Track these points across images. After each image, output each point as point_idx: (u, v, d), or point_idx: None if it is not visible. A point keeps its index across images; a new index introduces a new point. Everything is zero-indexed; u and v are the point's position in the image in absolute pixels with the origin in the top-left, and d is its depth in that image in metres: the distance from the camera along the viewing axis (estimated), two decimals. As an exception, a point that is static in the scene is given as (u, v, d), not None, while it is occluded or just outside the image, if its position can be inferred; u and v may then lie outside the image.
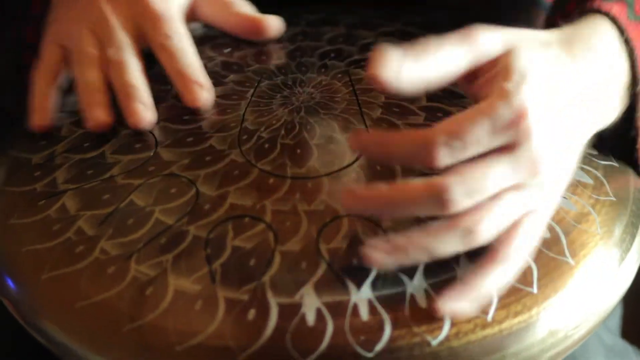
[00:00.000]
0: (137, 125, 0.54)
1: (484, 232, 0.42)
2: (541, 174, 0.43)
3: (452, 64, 0.44)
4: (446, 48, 0.43)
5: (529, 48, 0.45)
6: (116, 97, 0.56)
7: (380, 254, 0.42)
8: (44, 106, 0.57)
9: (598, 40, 0.48)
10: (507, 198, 0.42)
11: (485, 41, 0.44)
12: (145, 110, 0.54)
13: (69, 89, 0.59)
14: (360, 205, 0.43)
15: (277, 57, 0.62)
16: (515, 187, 0.42)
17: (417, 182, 0.41)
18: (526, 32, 0.46)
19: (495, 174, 0.41)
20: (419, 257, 0.42)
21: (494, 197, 0.42)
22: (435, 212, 0.41)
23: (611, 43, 0.49)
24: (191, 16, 0.63)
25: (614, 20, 0.49)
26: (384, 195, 0.42)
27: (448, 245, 0.42)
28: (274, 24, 0.63)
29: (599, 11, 0.50)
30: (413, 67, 0.42)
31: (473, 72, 0.45)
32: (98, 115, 0.55)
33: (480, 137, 0.41)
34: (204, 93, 0.55)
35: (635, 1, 0.51)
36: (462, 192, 0.40)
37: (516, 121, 0.41)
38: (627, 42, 0.49)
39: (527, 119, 0.41)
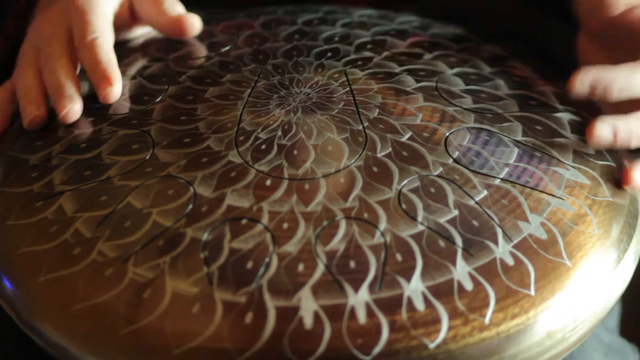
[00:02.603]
0: (65, 119, 0.55)
1: None
2: None
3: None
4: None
5: None
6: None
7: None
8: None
9: None
10: None
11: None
12: (70, 102, 0.56)
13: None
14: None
15: (274, 57, 0.61)
16: None
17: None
18: None
19: None
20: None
21: None
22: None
23: None
24: (130, 18, 0.65)
25: None
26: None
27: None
28: (193, 23, 0.63)
29: None
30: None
31: None
32: (30, 111, 0.56)
33: None
34: (113, 87, 0.56)
35: None
36: None
37: None
38: None
39: None
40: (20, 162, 0.54)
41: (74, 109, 0.55)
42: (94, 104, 0.57)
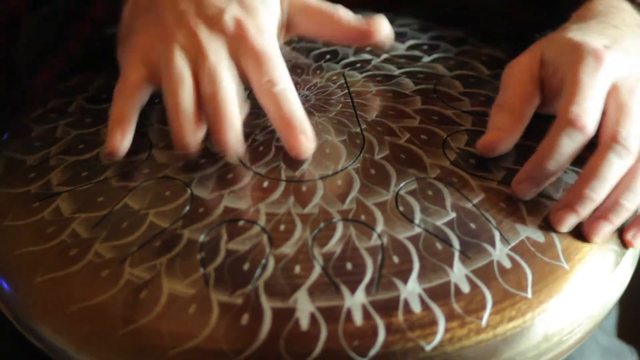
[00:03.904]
0: (228, 154, 0.50)
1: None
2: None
3: (528, 101, 0.52)
4: (515, 92, 0.52)
5: (552, 36, 0.52)
6: (208, 125, 0.51)
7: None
8: (123, 128, 0.52)
9: (607, 6, 0.55)
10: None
11: (523, 62, 0.53)
12: (236, 142, 0.50)
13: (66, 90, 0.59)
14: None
15: None
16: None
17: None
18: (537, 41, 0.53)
19: (632, 103, 0.48)
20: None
21: None
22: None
23: (621, 5, 0.55)
24: (286, 31, 0.58)
25: None
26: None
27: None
28: (383, 27, 0.56)
29: None
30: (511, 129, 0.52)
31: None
32: (186, 138, 0.50)
33: (594, 83, 0.48)
34: (309, 144, 0.51)
35: None
36: (631, 134, 0.47)
37: (601, 61, 0.48)
38: (632, 2, 0.55)
39: (606, 55, 0.48)
40: (18, 163, 0.54)
41: (237, 148, 0.50)
42: (91, 105, 0.57)
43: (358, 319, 0.42)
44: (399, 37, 0.64)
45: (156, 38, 0.53)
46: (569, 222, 0.47)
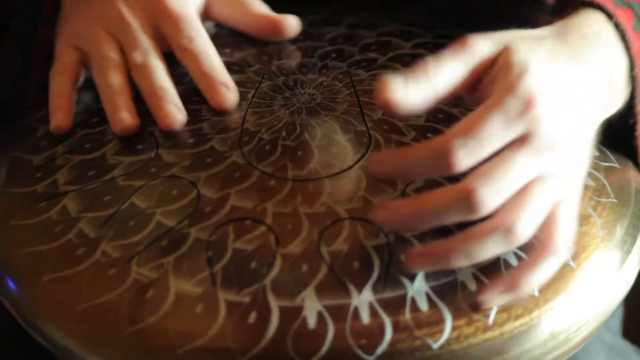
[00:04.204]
0: (170, 126, 0.53)
1: (523, 228, 0.41)
2: (560, 159, 0.43)
3: (453, 76, 0.44)
4: (443, 63, 0.44)
5: (524, 43, 0.45)
6: (145, 100, 0.55)
7: (421, 260, 0.42)
8: (63, 107, 0.57)
9: (589, 28, 0.49)
10: (536, 190, 0.42)
11: (478, 46, 0.45)
12: (177, 111, 0.54)
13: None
14: (392, 220, 0.43)
15: (278, 58, 0.61)
16: (540, 178, 0.42)
17: (442, 190, 0.41)
18: (518, 31, 0.47)
19: (517, 167, 0.41)
20: (460, 262, 0.42)
21: (523, 192, 0.42)
22: (467, 217, 0.41)
23: (603, 30, 0.49)
24: (205, 16, 0.63)
25: (602, 8, 0.50)
26: (412, 207, 0.42)
27: (490, 248, 0.41)
28: (292, 24, 0.63)
29: (586, 3, 0.50)
30: (418, 89, 0.43)
31: (475, 80, 0.45)
32: (124, 118, 0.54)
33: (494, 131, 0.41)
34: (230, 94, 0.55)
35: None
36: (488, 191, 0.40)
37: (526, 109, 0.41)
38: (617, 26, 0.49)
39: (535, 106, 0.42)
40: (24, 163, 0.54)
41: (180, 118, 0.54)
42: (98, 104, 0.57)
43: (365, 317, 0.42)
44: (404, 35, 0.64)
45: (82, 21, 0.58)
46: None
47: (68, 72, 0.58)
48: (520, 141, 0.42)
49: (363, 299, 0.42)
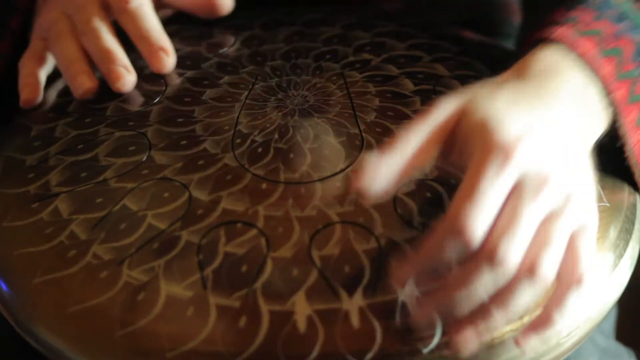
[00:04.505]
0: (122, 88, 0.56)
1: (548, 270, 0.41)
2: (562, 189, 0.42)
3: (420, 142, 0.43)
4: (408, 132, 0.43)
5: (482, 98, 0.44)
6: (96, 65, 0.58)
7: (471, 339, 0.42)
8: (30, 82, 0.59)
9: (547, 62, 0.48)
10: (549, 229, 0.41)
11: (439, 107, 0.44)
12: (126, 72, 0.56)
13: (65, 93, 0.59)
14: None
15: (272, 58, 0.61)
16: (552, 215, 0.42)
17: (470, 264, 0.41)
18: (477, 85, 0.46)
19: (525, 215, 0.41)
20: (500, 318, 0.41)
21: (538, 235, 0.41)
22: (497, 277, 0.41)
23: (563, 61, 0.48)
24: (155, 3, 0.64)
25: (561, 42, 0.49)
26: (448, 289, 0.41)
27: (521, 296, 0.41)
28: (225, 1, 0.64)
29: (545, 39, 0.49)
30: (390, 166, 0.42)
31: (446, 141, 0.44)
32: (83, 81, 0.57)
33: (492, 191, 0.40)
34: (169, 59, 0.57)
35: (579, 19, 0.51)
36: (508, 248, 0.40)
37: (507, 158, 0.41)
38: (580, 56, 0.49)
39: (515, 151, 0.41)
40: (17, 163, 0.54)
41: (130, 79, 0.56)
42: (91, 105, 0.57)
43: (355, 322, 0.42)
44: (399, 36, 0.64)
45: (46, 12, 0.60)
46: (425, 324, 0.43)
47: (34, 57, 0.60)
48: (517, 189, 0.41)
49: (353, 304, 0.42)
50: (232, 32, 0.65)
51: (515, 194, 0.41)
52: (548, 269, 0.41)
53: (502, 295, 0.41)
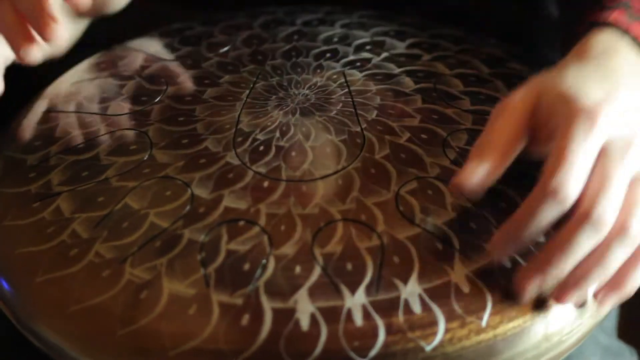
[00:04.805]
0: (25, 59, 0.53)
1: (637, 227, 0.43)
2: None
3: (511, 137, 0.46)
4: (502, 131, 0.46)
5: (552, 76, 0.48)
6: (30, 23, 0.53)
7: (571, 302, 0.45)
8: None
9: (605, 45, 0.50)
10: (637, 191, 0.44)
11: (517, 102, 0.47)
12: (55, 23, 0.52)
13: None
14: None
15: (273, 57, 0.61)
16: (637, 178, 0.44)
17: (570, 224, 0.43)
18: (541, 75, 0.49)
19: (617, 173, 0.43)
20: (598, 280, 0.44)
21: (628, 196, 0.43)
22: (596, 238, 0.43)
23: (619, 43, 0.51)
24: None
25: (615, 26, 0.51)
26: (551, 252, 0.43)
27: (616, 256, 0.43)
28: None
29: (599, 23, 0.51)
30: (490, 166, 0.45)
31: (528, 130, 0.47)
32: (19, 43, 0.53)
33: (582, 152, 0.43)
34: (57, 28, 0.52)
35: (630, 4, 0.52)
36: (605, 206, 0.42)
37: (595, 120, 0.43)
38: (634, 39, 0.51)
39: (601, 113, 0.44)
40: (18, 163, 0.54)
41: (58, 28, 0.51)
42: (92, 104, 0.57)
43: (358, 319, 0.42)
44: (399, 35, 0.64)
45: None
46: (531, 291, 0.44)
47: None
48: (605, 152, 0.43)
49: (356, 301, 0.42)
50: (233, 31, 0.65)
51: (604, 157, 0.43)
52: (637, 227, 0.43)
53: (597, 255, 0.43)
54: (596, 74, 0.48)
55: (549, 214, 0.43)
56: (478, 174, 0.45)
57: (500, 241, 0.44)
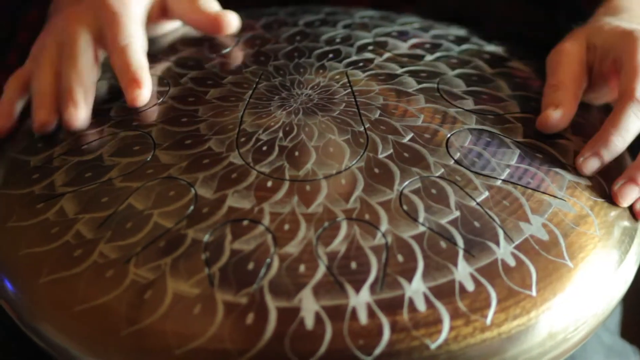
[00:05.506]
0: (71, 127, 0.55)
1: None
2: None
3: (580, 86, 0.56)
4: (568, 77, 0.55)
5: (593, 25, 0.57)
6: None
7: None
8: (5, 111, 0.59)
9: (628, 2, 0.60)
10: None
11: (572, 50, 0.56)
12: (75, 110, 0.55)
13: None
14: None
15: (275, 58, 0.61)
16: None
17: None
18: (581, 26, 0.58)
19: None
20: None
21: None
22: None
23: None
24: (161, 13, 0.64)
25: None
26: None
27: None
28: (230, 21, 0.63)
29: None
30: (565, 113, 0.54)
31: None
32: (39, 116, 0.56)
33: None
34: (141, 91, 0.56)
35: None
36: None
37: None
38: None
39: None
40: (21, 164, 0.54)
41: (77, 115, 0.55)
42: (95, 105, 0.57)
43: (363, 317, 0.42)
44: (401, 35, 0.64)
45: (42, 35, 0.61)
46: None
47: (19, 82, 0.60)
48: None
49: (361, 300, 0.42)
50: (235, 32, 0.65)
51: None
52: None
53: None
54: (631, 19, 0.55)
55: (636, 121, 0.50)
56: (555, 116, 0.53)
57: (588, 153, 0.51)
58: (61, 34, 0.59)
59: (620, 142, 0.51)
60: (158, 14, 0.64)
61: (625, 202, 0.50)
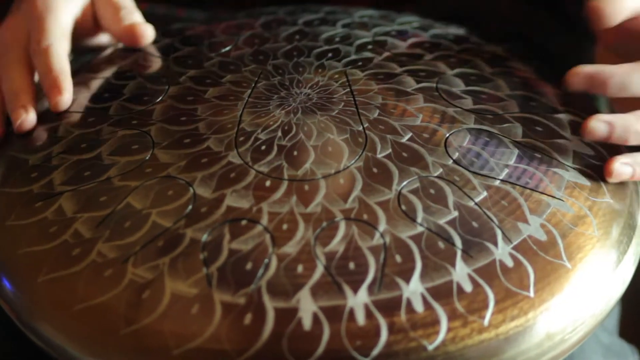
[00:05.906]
0: (20, 129, 0.56)
1: None
2: None
3: None
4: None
5: None
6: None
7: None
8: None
9: None
10: None
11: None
12: (25, 112, 0.56)
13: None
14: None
15: (274, 57, 0.61)
16: None
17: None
18: None
19: None
20: None
21: None
22: None
23: None
24: (94, 24, 0.65)
25: None
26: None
27: None
28: (145, 32, 0.64)
29: None
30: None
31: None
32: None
33: None
34: (62, 97, 0.57)
35: None
36: None
37: None
38: None
39: None
40: (20, 163, 0.54)
41: (27, 119, 0.56)
42: (94, 104, 0.57)
43: (360, 318, 0.42)
44: (400, 34, 0.64)
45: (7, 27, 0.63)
46: (600, 130, 0.52)
47: None
48: None
49: (358, 300, 0.42)
50: (234, 31, 0.65)
51: None
52: None
53: None
54: None
55: None
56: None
57: (586, 68, 0.53)
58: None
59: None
60: (90, 24, 0.64)
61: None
